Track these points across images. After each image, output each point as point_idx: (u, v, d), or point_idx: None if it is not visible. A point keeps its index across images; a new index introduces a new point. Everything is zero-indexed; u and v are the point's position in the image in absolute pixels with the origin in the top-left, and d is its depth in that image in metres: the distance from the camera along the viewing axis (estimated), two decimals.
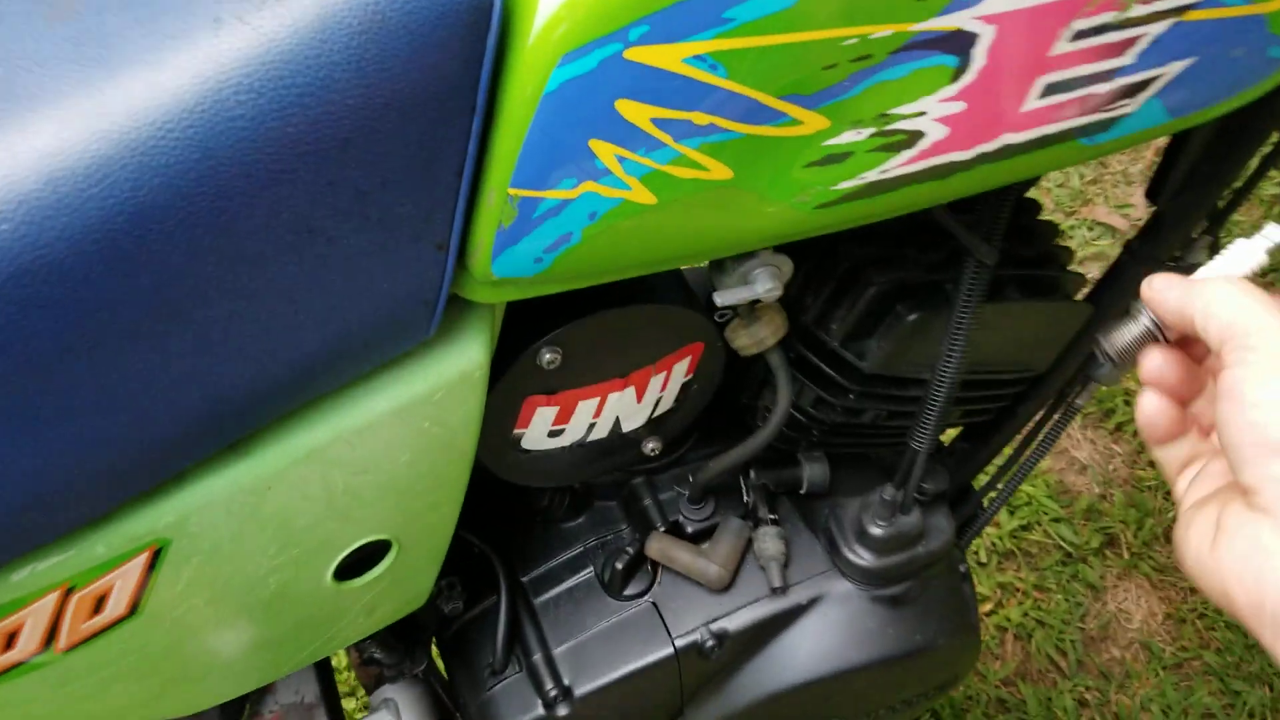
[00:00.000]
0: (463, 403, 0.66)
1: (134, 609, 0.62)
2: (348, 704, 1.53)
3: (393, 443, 0.65)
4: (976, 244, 0.75)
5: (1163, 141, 0.85)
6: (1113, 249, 1.97)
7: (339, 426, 0.62)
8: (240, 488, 0.61)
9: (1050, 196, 2.10)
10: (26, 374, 0.49)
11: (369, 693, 0.96)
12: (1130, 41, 0.61)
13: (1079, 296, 0.90)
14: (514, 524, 0.93)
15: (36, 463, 0.52)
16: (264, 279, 0.53)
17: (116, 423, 0.53)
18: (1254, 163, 0.86)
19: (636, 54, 0.53)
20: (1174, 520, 0.53)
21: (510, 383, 0.73)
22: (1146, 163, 2.17)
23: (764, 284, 0.69)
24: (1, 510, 0.53)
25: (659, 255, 0.63)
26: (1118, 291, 0.92)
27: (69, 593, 0.59)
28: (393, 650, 0.90)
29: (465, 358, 0.64)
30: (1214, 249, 1.01)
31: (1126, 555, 1.71)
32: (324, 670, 0.98)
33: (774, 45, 0.55)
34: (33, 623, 0.60)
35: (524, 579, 0.91)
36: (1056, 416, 1.01)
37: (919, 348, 0.81)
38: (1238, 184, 0.87)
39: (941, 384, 0.79)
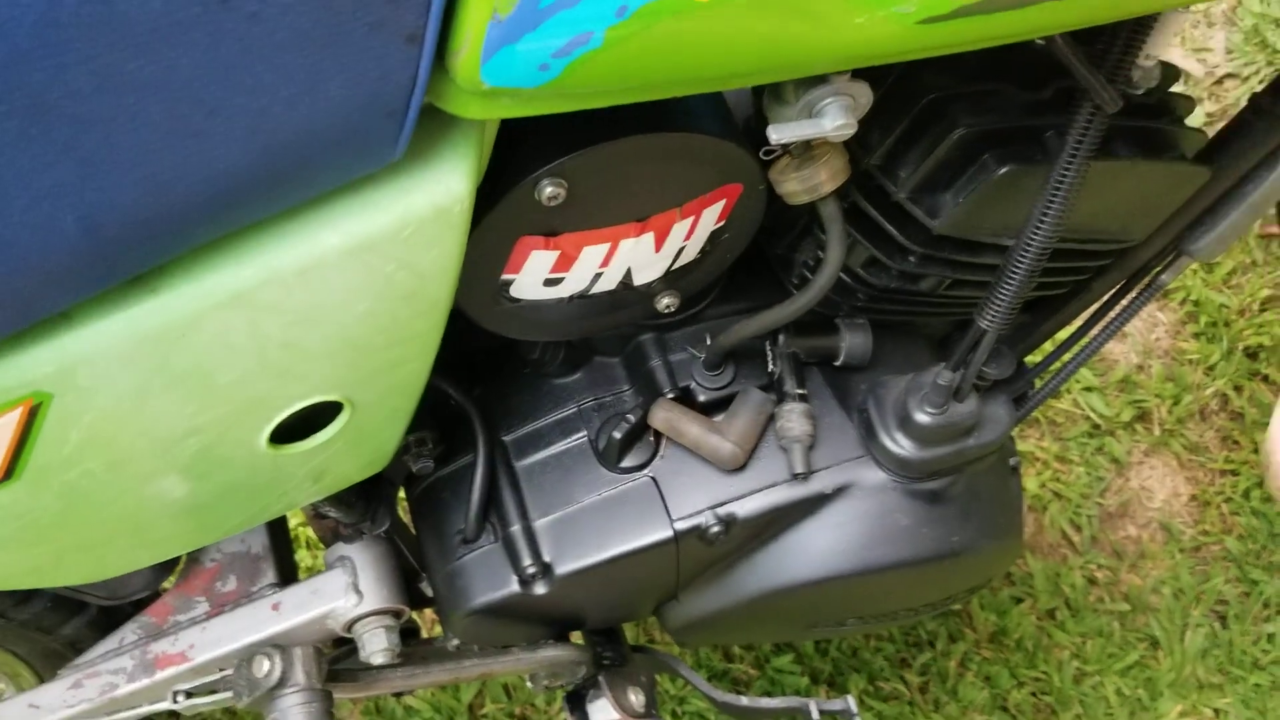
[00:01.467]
0: (437, 242, 0.52)
1: (9, 473, 0.50)
2: (302, 558, 1.44)
3: (346, 288, 0.51)
4: (1100, 85, 0.59)
5: None
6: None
7: (273, 265, 0.48)
8: (145, 334, 0.47)
9: None
10: None
11: (324, 545, 0.85)
12: None
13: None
14: (499, 375, 0.80)
15: None
16: (160, 68, 0.38)
17: None
18: None
19: None
20: (1213, 397, 0.42)
21: (501, 218, 0.58)
22: (1231, 1, 1.96)
23: (834, 119, 0.53)
24: None
25: (705, 71, 0.48)
26: (1238, 155, 0.76)
27: None
28: (351, 509, 0.78)
29: (442, 187, 0.50)
30: None
31: (1158, 431, 1.60)
32: (275, 520, 0.87)
33: None
34: None
35: (506, 438, 0.79)
36: (1134, 294, 0.87)
37: (1005, 208, 0.66)
38: None
39: (1026, 254, 0.65)
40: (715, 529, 0.74)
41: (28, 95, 0.37)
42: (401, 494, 0.88)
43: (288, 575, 0.85)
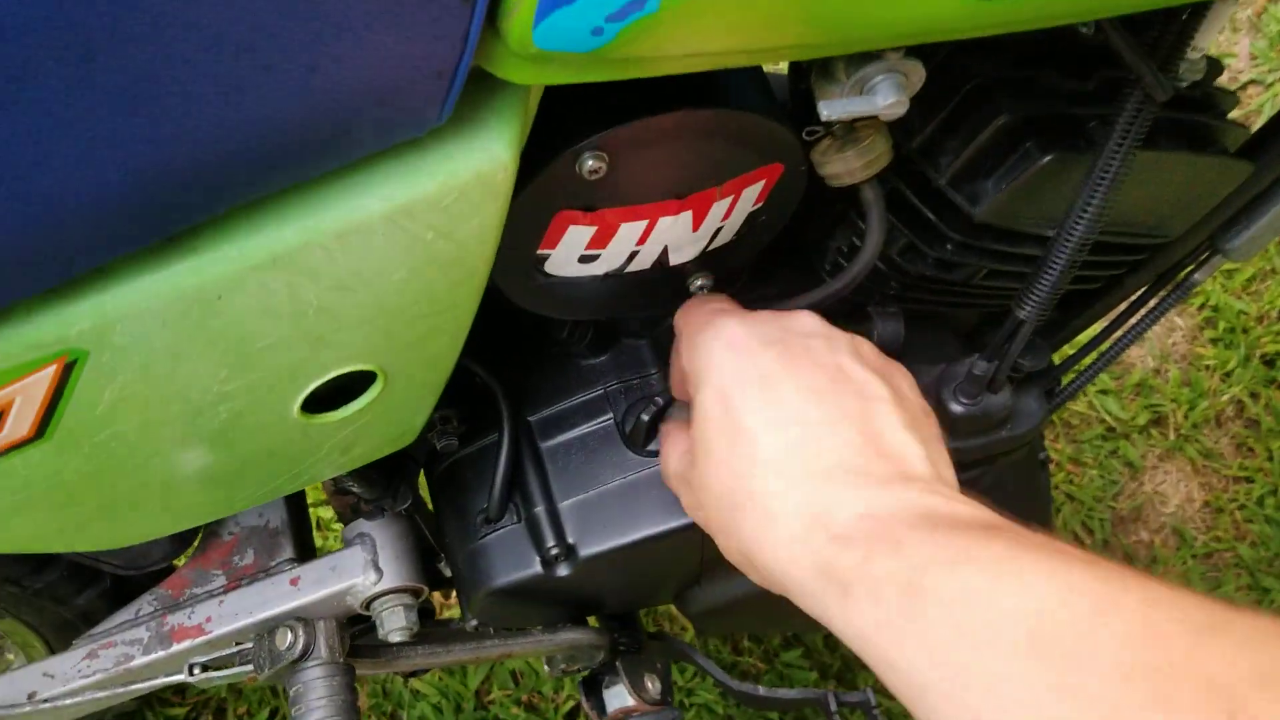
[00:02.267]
0: (478, 211, 0.51)
1: (41, 431, 0.49)
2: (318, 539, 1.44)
3: (384, 254, 0.50)
4: (1151, 73, 0.58)
5: None
6: None
7: (314, 228, 0.47)
8: (182, 294, 0.47)
9: None
10: None
11: (343, 522, 0.84)
12: None
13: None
14: (526, 354, 0.80)
15: None
16: (214, 18, 0.38)
17: (8, 190, 0.39)
18: None
19: None
20: (1229, 403, 0.38)
21: (540, 191, 0.57)
22: (1257, 7, 1.95)
23: (886, 96, 0.53)
24: None
25: (761, 41, 0.47)
26: (1279, 153, 0.76)
27: None
28: (372, 485, 0.77)
29: (486, 154, 0.49)
30: None
31: (1173, 436, 1.59)
32: (294, 495, 0.86)
33: None
34: None
35: (531, 418, 0.78)
36: (1165, 292, 0.86)
37: (1047, 198, 0.65)
38: None
39: (1067, 245, 0.64)
40: None
41: (81, 41, 0.36)
42: (421, 476, 0.87)
43: (306, 551, 0.84)
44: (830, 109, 0.54)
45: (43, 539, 0.58)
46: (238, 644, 0.79)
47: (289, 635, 0.67)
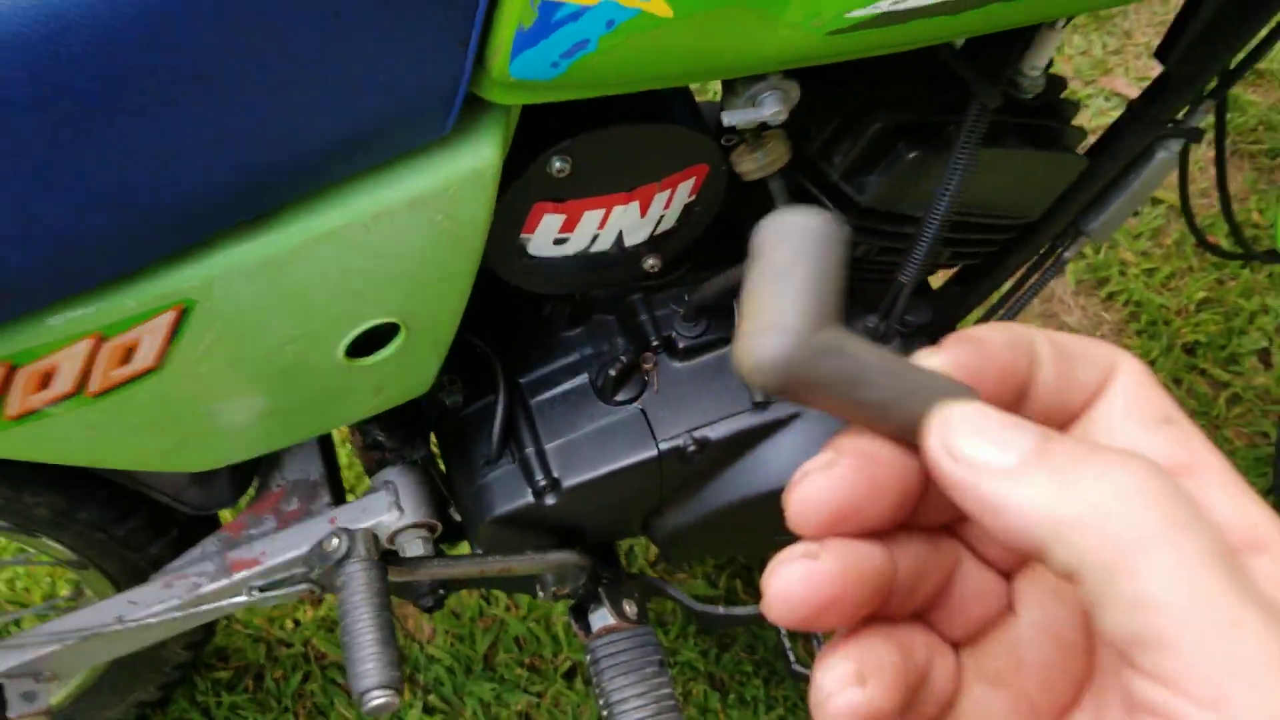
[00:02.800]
0: (473, 199, 0.69)
1: (160, 363, 0.68)
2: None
3: (406, 231, 0.69)
4: (980, 85, 0.77)
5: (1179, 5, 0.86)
6: None
7: (357, 211, 0.66)
8: (263, 259, 0.65)
9: (1071, 64, 2.08)
10: (68, 125, 0.53)
11: (370, 476, 1.02)
12: None
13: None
14: (516, 330, 0.98)
15: (71, 211, 0.57)
16: (290, 55, 0.56)
17: (147, 179, 0.57)
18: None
19: None
20: None
21: (521, 188, 0.76)
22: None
23: (771, 107, 0.72)
24: (38, 254, 0.58)
25: (672, 70, 0.66)
26: (1117, 151, 0.94)
27: (101, 341, 0.64)
28: (394, 433, 0.95)
29: (478, 156, 0.68)
30: (1220, 115, 1.03)
31: None
32: (328, 453, 1.05)
33: None
34: (66, 367, 0.65)
35: (521, 380, 0.97)
36: (1046, 266, 1.05)
37: (917, 186, 0.84)
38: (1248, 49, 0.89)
39: (932, 221, 0.82)
40: (691, 449, 0.91)
41: (204, 71, 0.55)
42: (433, 439, 1.05)
43: (339, 498, 1.02)
44: (730, 117, 0.72)
45: (145, 458, 0.76)
46: (288, 571, 0.97)
47: (334, 540, 0.85)
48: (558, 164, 0.75)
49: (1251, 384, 1.75)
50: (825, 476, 0.29)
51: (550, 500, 0.93)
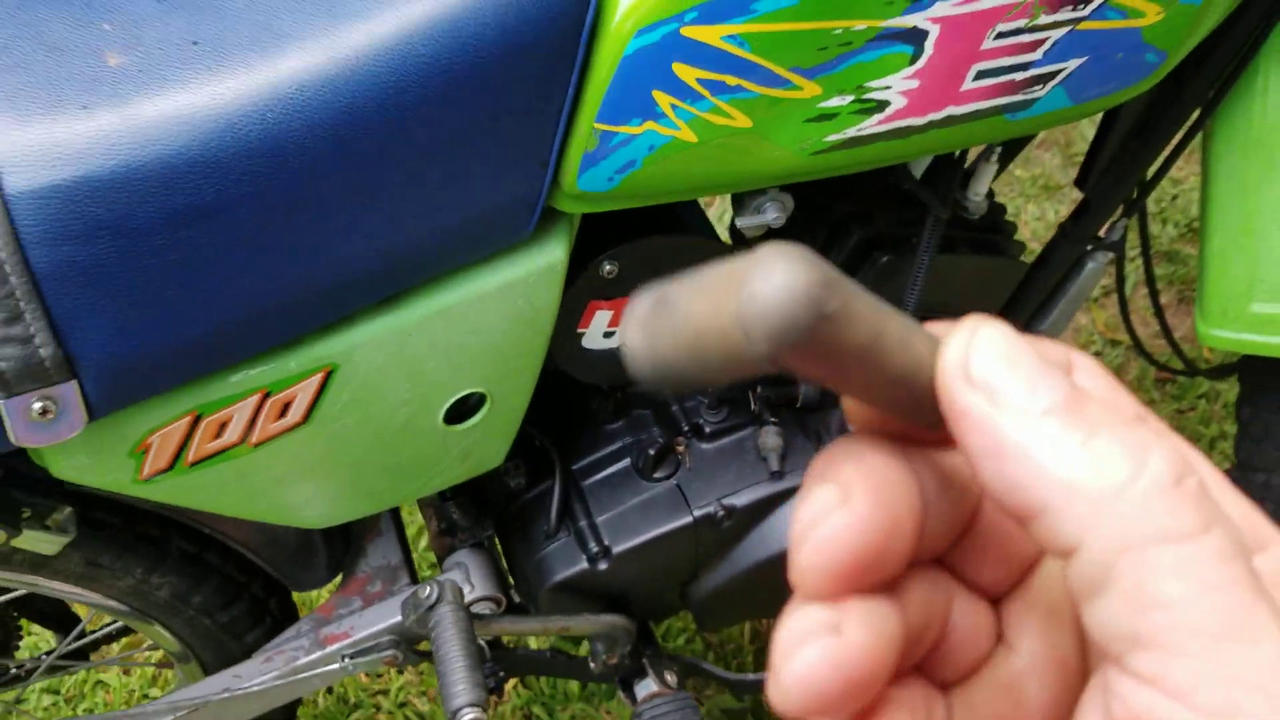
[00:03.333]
0: (547, 288, 0.90)
1: (307, 417, 0.86)
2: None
3: (495, 313, 0.89)
4: (933, 201, 0.99)
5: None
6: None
7: (462, 295, 0.86)
8: (391, 331, 0.85)
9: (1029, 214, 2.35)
10: (271, 221, 0.74)
11: (441, 562, 1.19)
12: (1039, 42, 0.85)
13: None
14: (568, 424, 1.17)
15: (261, 288, 0.77)
16: (426, 171, 0.78)
17: (319, 265, 0.78)
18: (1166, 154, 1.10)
19: (689, 31, 0.78)
20: None
21: (579, 288, 0.97)
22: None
23: (772, 214, 0.93)
24: (233, 322, 0.77)
25: (698, 184, 0.87)
26: (1053, 264, 1.16)
27: (266, 396, 0.83)
28: (468, 512, 1.13)
29: (551, 254, 0.89)
30: (1143, 229, 1.25)
31: None
32: (404, 543, 1.21)
33: (784, 30, 0.79)
34: (238, 418, 0.84)
35: (574, 467, 1.15)
36: None
37: (891, 284, 1.05)
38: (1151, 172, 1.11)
39: (908, 307, 1.03)
40: (720, 515, 1.09)
41: (367, 179, 0.76)
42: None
43: (415, 579, 1.18)
44: (741, 222, 0.94)
45: (279, 510, 0.94)
46: (375, 643, 1.13)
47: (427, 589, 1.01)
48: (608, 267, 0.96)
49: None
50: (844, 516, 0.26)
51: (603, 565, 1.10)
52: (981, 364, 0.26)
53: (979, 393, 0.25)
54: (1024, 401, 0.25)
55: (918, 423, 0.27)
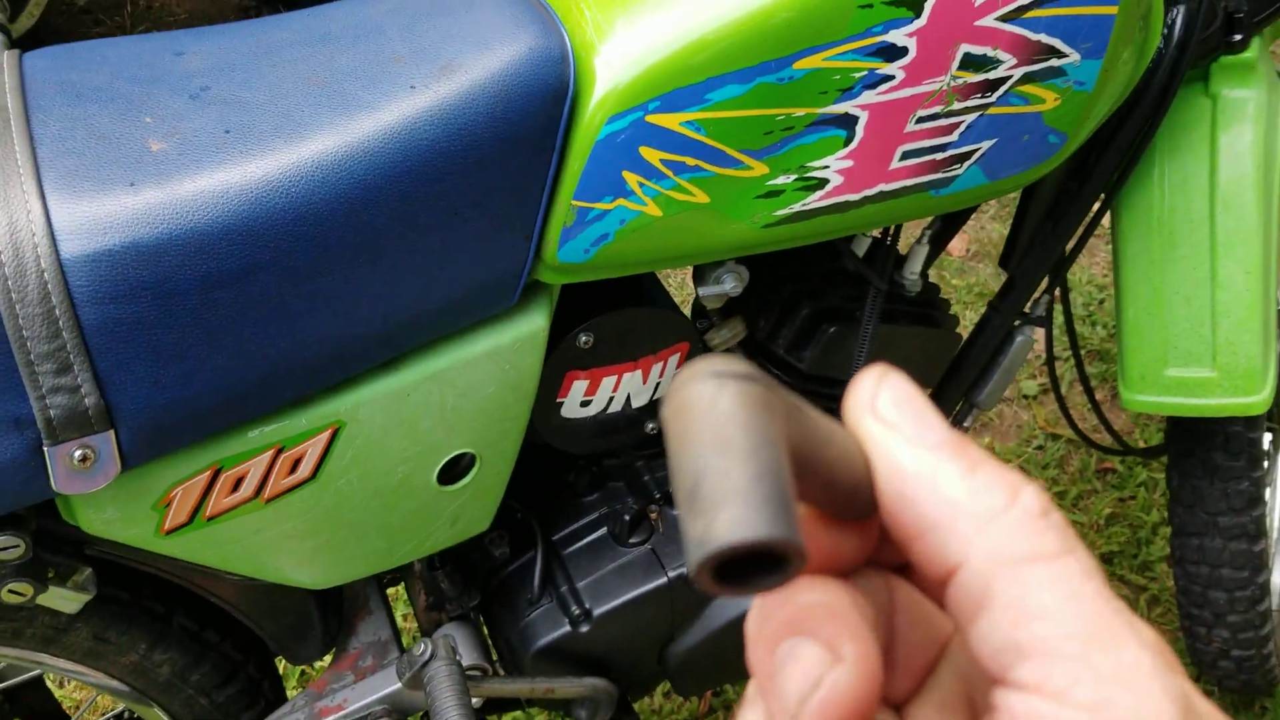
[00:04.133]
0: (530, 354, 1.00)
1: (315, 474, 0.94)
2: None
3: (484, 377, 0.98)
4: (871, 275, 1.11)
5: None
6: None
7: (454, 358, 0.96)
8: (392, 391, 0.94)
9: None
10: (289, 287, 0.83)
11: (427, 634, 1.24)
12: (954, 125, 0.98)
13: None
14: (547, 499, 1.25)
15: (279, 350, 0.86)
16: (426, 241, 0.88)
17: (331, 328, 0.87)
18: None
19: (653, 119, 0.90)
20: None
21: (557, 358, 1.06)
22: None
23: (730, 283, 1.04)
24: (253, 380, 0.86)
25: (663, 255, 0.98)
26: (985, 338, 1.28)
27: (280, 452, 0.91)
28: (455, 582, 1.19)
29: (533, 322, 0.99)
30: (1065, 301, 1.37)
31: None
32: (392, 622, 1.27)
33: (735, 117, 0.92)
34: (253, 473, 0.91)
35: (554, 537, 1.22)
36: None
37: (840, 353, 1.16)
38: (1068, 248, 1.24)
39: (855, 372, 1.13)
40: None
41: (374, 250, 0.86)
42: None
43: (404, 651, 1.24)
44: (703, 291, 1.05)
45: (283, 568, 1.00)
46: (367, 714, 1.17)
47: (421, 645, 1.07)
48: (584, 338, 1.06)
49: (1166, 586, 2.01)
50: (844, 674, 0.27)
51: (585, 628, 1.16)
52: (885, 402, 0.30)
53: (882, 424, 0.30)
54: (918, 435, 0.29)
55: (847, 513, 0.30)
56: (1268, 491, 1.61)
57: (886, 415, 0.30)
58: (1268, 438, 1.67)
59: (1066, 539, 0.28)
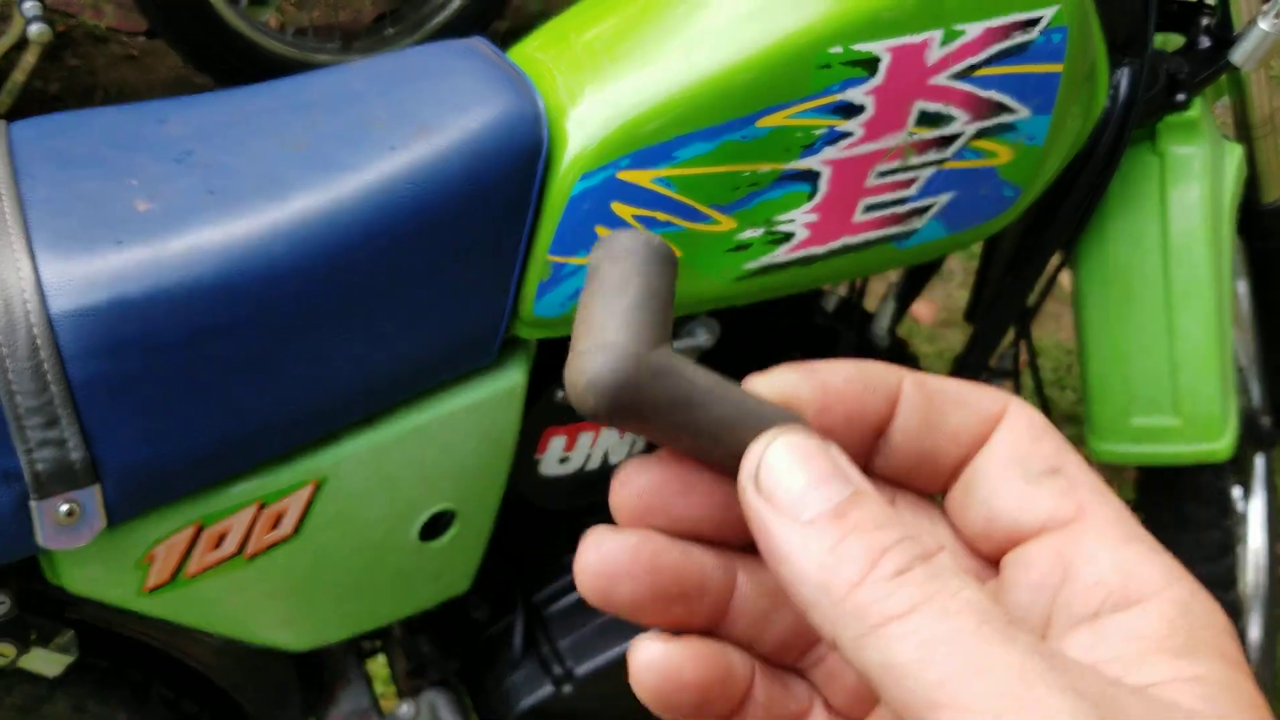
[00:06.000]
0: (508, 409, 1.01)
1: (297, 530, 0.95)
2: None
3: (464, 431, 1.00)
4: (841, 329, 1.14)
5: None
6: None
7: (434, 413, 0.97)
8: (371, 447, 0.95)
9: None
10: (270, 338, 0.85)
11: (410, 698, 1.24)
12: (912, 180, 1.02)
13: None
14: (529, 558, 1.25)
15: (266, 401, 0.87)
16: (405, 298, 0.90)
17: (313, 379, 0.89)
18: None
19: (624, 175, 0.93)
20: None
21: (535, 415, 1.08)
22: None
23: (702, 337, 1.07)
24: (236, 436, 0.88)
25: None
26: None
27: (262, 507, 0.92)
28: (437, 644, 1.19)
29: (511, 378, 1.01)
30: (1033, 365, 1.41)
31: None
32: (372, 691, 1.27)
33: (703, 173, 0.95)
34: (235, 529, 0.92)
35: (535, 598, 1.23)
36: None
37: None
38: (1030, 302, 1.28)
39: None
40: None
41: (353, 308, 0.88)
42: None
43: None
44: (675, 345, 1.07)
45: (269, 628, 1.00)
46: None
47: (403, 707, 1.06)
48: (560, 393, 1.08)
49: None
50: (640, 467, 0.32)
51: (568, 689, 1.16)
52: (767, 474, 0.29)
53: (762, 499, 0.29)
54: (795, 510, 0.29)
55: (717, 467, 0.32)
56: (1240, 547, 1.63)
57: (766, 486, 0.29)
58: (1238, 491, 1.70)
59: (926, 588, 0.27)
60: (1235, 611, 1.54)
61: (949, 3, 0.95)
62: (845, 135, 0.97)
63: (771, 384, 0.32)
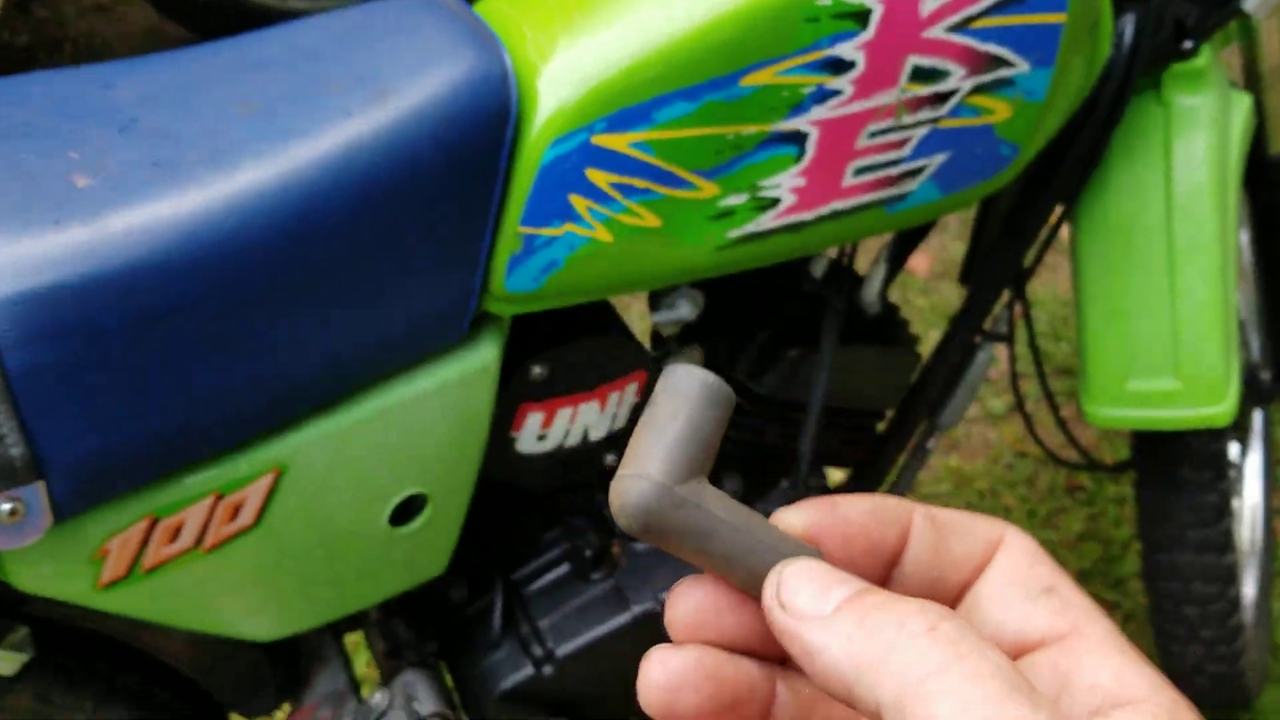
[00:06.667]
0: (481, 389, 0.96)
1: (258, 520, 0.90)
2: None
3: (434, 413, 0.95)
4: (830, 294, 1.09)
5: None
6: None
7: (400, 395, 0.92)
8: (334, 433, 0.90)
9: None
10: (223, 320, 0.80)
11: (388, 682, 1.20)
12: (905, 140, 0.96)
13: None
14: (507, 537, 1.21)
15: (220, 387, 0.82)
16: (367, 273, 0.85)
17: (271, 362, 0.84)
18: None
19: (599, 140, 0.88)
20: None
21: (511, 391, 1.03)
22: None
23: (685, 308, 1.01)
24: (188, 423, 0.83)
25: (616, 281, 0.96)
26: (947, 355, 1.26)
27: (219, 498, 0.87)
28: (413, 627, 1.15)
29: (484, 355, 0.95)
30: (1028, 317, 1.36)
31: None
32: (350, 672, 1.23)
33: (683, 136, 0.90)
34: (191, 521, 0.87)
35: (514, 577, 1.18)
36: (907, 456, 1.34)
37: (799, 375, 1.13)
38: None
39: (816, 395, 1.11)
40: (659, 609, 1.13)
41: (312, 285, 0.83)
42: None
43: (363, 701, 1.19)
44: (657, 318, 1.02)
45: (231, 620, 0.96)
46: None
47: (377, 695, 1.02)
48: (537, 369, 1.03)
49: (1139, 603, 1.99)
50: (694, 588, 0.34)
51: (548, 670, 1.12)
52: (788, 591, 0.32)
53: (786, 614, 0.32)
54: (815, 609, 0.31)
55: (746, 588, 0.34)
56: (1235, 503, 1.60)
57: (787, 601, 0.32)
58: (1235, 448, 1.66)
59: (955, 648, 0.29)
60: (1232, 575, 1.51)
61: None
62: (834, 93, 0.92)
63: (798, 517, 0.34)
